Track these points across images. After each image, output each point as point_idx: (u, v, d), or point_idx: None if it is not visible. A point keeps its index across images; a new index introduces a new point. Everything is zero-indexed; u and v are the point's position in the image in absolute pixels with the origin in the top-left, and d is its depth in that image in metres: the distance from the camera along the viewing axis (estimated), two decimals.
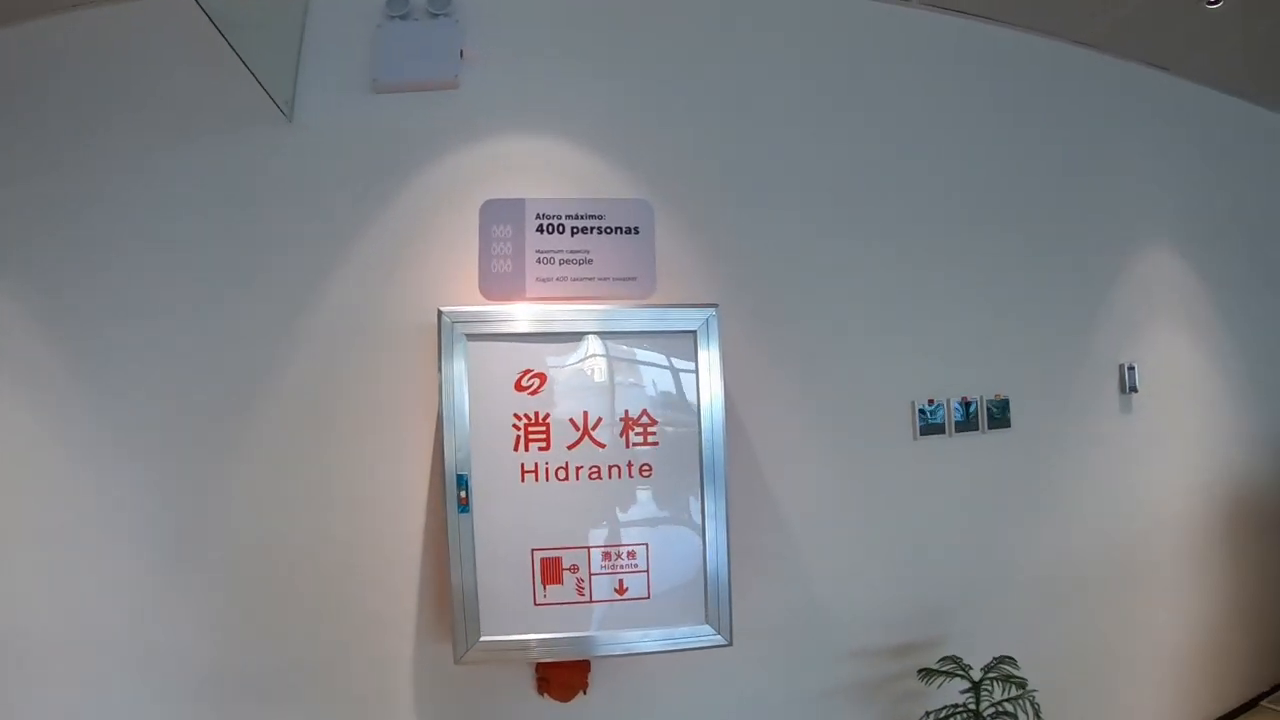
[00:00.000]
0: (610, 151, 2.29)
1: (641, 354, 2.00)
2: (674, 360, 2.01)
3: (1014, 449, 2.53)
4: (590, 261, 2.21)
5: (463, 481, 1.92)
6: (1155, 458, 2.81)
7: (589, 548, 1.96)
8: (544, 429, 1.94)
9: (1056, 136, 2.75)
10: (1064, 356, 2.67)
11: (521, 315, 1.98)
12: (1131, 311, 2.81)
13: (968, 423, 2.47)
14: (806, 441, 2.33)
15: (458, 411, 1.92)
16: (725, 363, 2.03)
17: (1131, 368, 2.74)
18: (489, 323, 1.96)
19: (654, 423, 1.99)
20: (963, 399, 2.47)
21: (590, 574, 1.95)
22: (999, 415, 2.52)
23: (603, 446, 1.96)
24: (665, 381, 2.01)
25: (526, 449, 1.94)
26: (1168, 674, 2.79)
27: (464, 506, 1.93)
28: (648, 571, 1.98)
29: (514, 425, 1.94)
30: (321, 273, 2.16)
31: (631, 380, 2.00)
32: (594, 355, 1.99)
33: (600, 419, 1.96)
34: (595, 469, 1.96)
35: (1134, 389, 2.74)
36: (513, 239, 2.19)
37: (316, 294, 2.15)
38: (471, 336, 1.94)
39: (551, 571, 1.95)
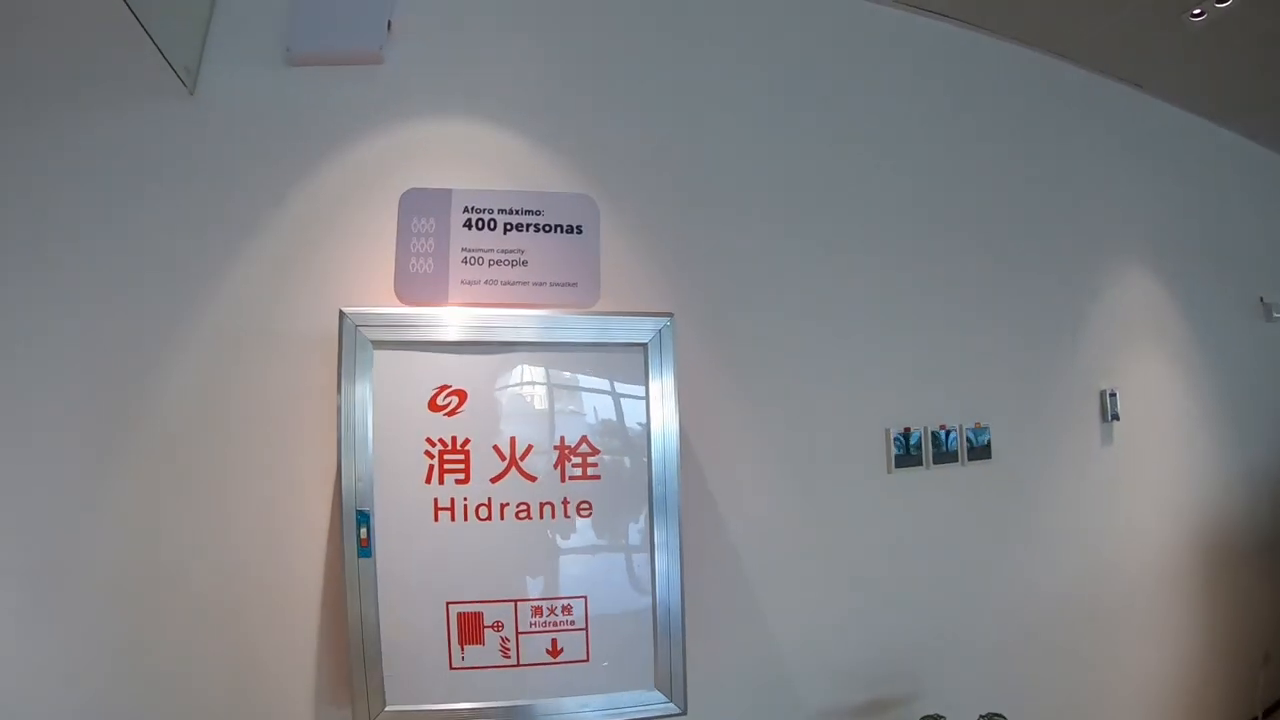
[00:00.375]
0: (550, 141, 2.01)
1: (583, 370, 1.71)
2: (620, 379, 1.72)
3: (996, 482, 2.31)
4: (525, 263, 1.90)
5: (364, 519, 1.59)
6: (1138, 490, 2.64)
7: (516, 601, 1.64)
8: (462, 457, 1.62)
9: (1028, 150, 2.58)
10: (1045, 381, 2.47)
11: (441, 320, 1.66)
12: (1110, 334, 2.64)
13: (946, 453, 2.23)
14: (768, 474, 2.06)
15: (359, 434, 1.60)
16: (679, 382, 1.74)
17: (1113, 394, 2.55)
18: (401, 328, 1.64)
19: (595, 451, 1.69)
20: (940, 425, 2.23)
21: (518, 632, 1.63)
22: (979, 445, 2.29)
23: (533, 480, 1.65)
24: (609, 404, 1.71)
25: (441, 481, 1.61)
26: (1154, 709, 2.59)
27: (365, 549, 1.59)
28: (586, 629, 1.67)
29: (427, 452, 1.61)
30: (216, 265, 1.81)
31: (569, 401, 1.70)
32: (525, 370, 1.68)
33: (531, 446, 1.66)
34: (524, 506, 1.64)
35: (1115, 417, 2.55)
36: (436, 234, 1.89)
37: (209, 290, 1.80)
38: (379, 344, 1.62)
39: (471, 629, 1.62)
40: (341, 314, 1.62)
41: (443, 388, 1.63)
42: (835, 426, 2.13)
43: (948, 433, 2.23)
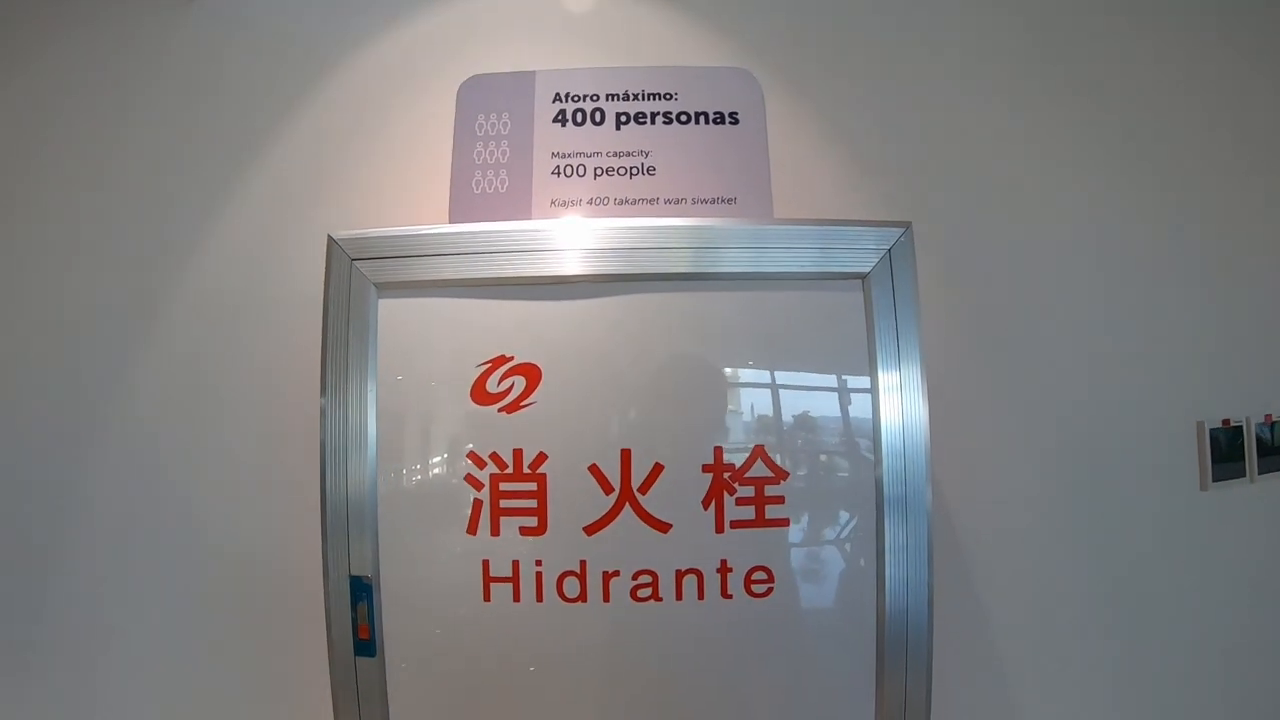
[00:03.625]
0: None
1: (756, 323, 0.93)
2: (819, 336, 0.93)
3: None
4: (651, 171, 1.17)
5: (362, 592, 0.89)
6: None
7: None
8: (533, 486, 0.89)
9: None
10: None
11: (494, 240, 0.94)
12: None
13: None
14: (1024, 489, 1.21)
15: (355, 447, 0.90)
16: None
17: None
18: (423, 257, 0.93)
19: (779, 475, 0.90)
20: (1265, 418, 1.30)
21: None
22: None
23: (664, 529, 0.89)
24: (800, 381, 0.92)
25: (496, 530, 0.89)
26: None
27: (365, 644, 0.89)
28: None
29: (471, 478, 0.89)
30: (216, 196, 1.24)
31: (732, 378, 0.92)
32: (648, 326, 0.92)
33: (659, 467, 0.89)
34: (648, 577, 0.88)
35: None
36: (511, 136, 1.19)
37: (210, 226, 1.23)
38: (389, 288, 0.92)
39: None
40: (331, 241, 0.94)
41: (498, 361, 0.90)
42: (1115, 415, 1.24)
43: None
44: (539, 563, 0.88)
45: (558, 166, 1.16)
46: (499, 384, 0.90)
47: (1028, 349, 1.24)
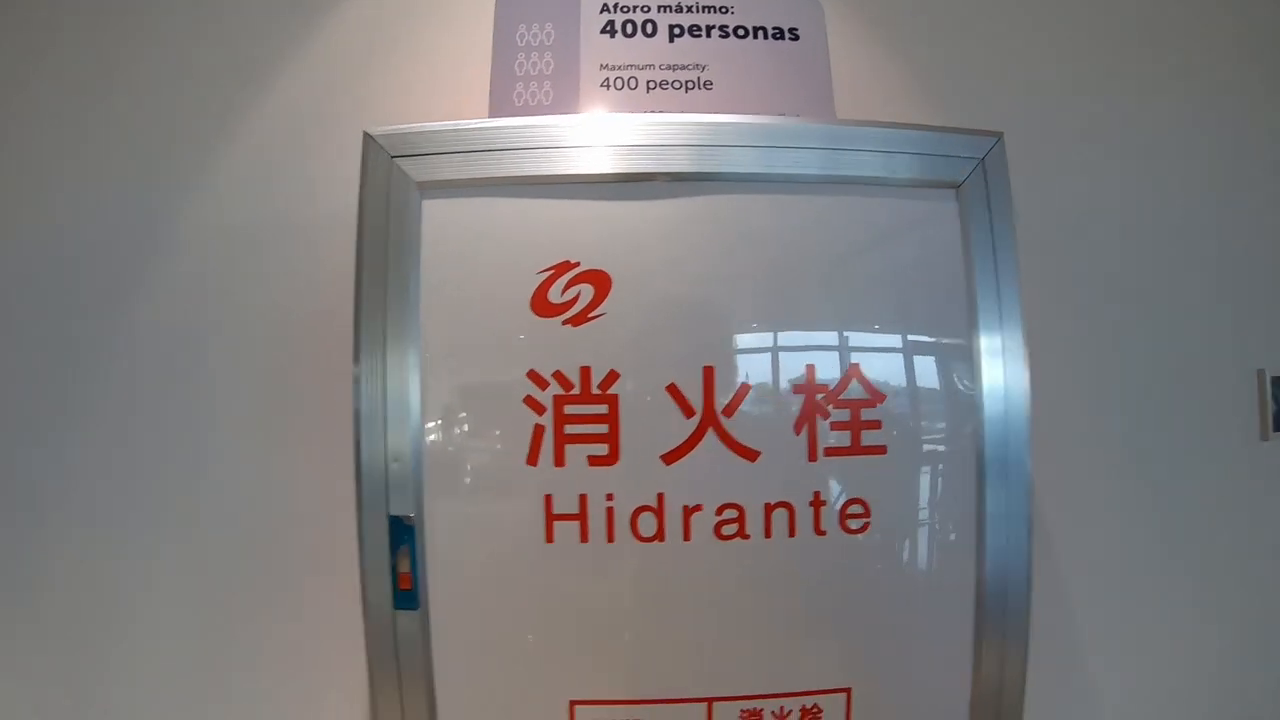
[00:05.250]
0: None
1: (845, 231, 0.83)
2: (910, 250, 0.84)
3: None
4: (708, 86, 1.07)
5: (404, 534, 0.77)
6: None
7: (710, 700, 0.78)
8: (603, 409, 0.78)
9: None
10: None
11: (556, 134, 0.82)
12: None
13: None
14: (1083, 432, 1.15)
15: (396, 369, 0.77)
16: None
17: None
18: (475, 152, 0.81)
19: (876, 397, 0.80)
20: None
21: None
22: None
23: (752, 457, 0.78)
24: (890, 294, 0.83)
25: (560, 460, 0.77)
26: None
27: (406, 594, 0.77)
28: None
29: (530, 400, 0.77)
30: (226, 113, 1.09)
31: (821, 289, 0.83)
32: (731, 230, 0.82)
33: (745, 388, 0.79)
34: (732, 511, 0.78)
35: None
36: (555, 48, 1.08)
37: (220, 150, 1.08)
38: (433, 186, 0.80)
39: None
40: (367, 138, 0.81)
41: (561, 267, 0.79)
42: (1178, 361, 1.18)
43: None
44: (610, 497, 0.78)
45: (606, 79, 1.06)
46: (562, 293, 0.78)
47: (1089, 292, 1.17)
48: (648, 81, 1.06)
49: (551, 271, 0.79)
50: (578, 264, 0.79)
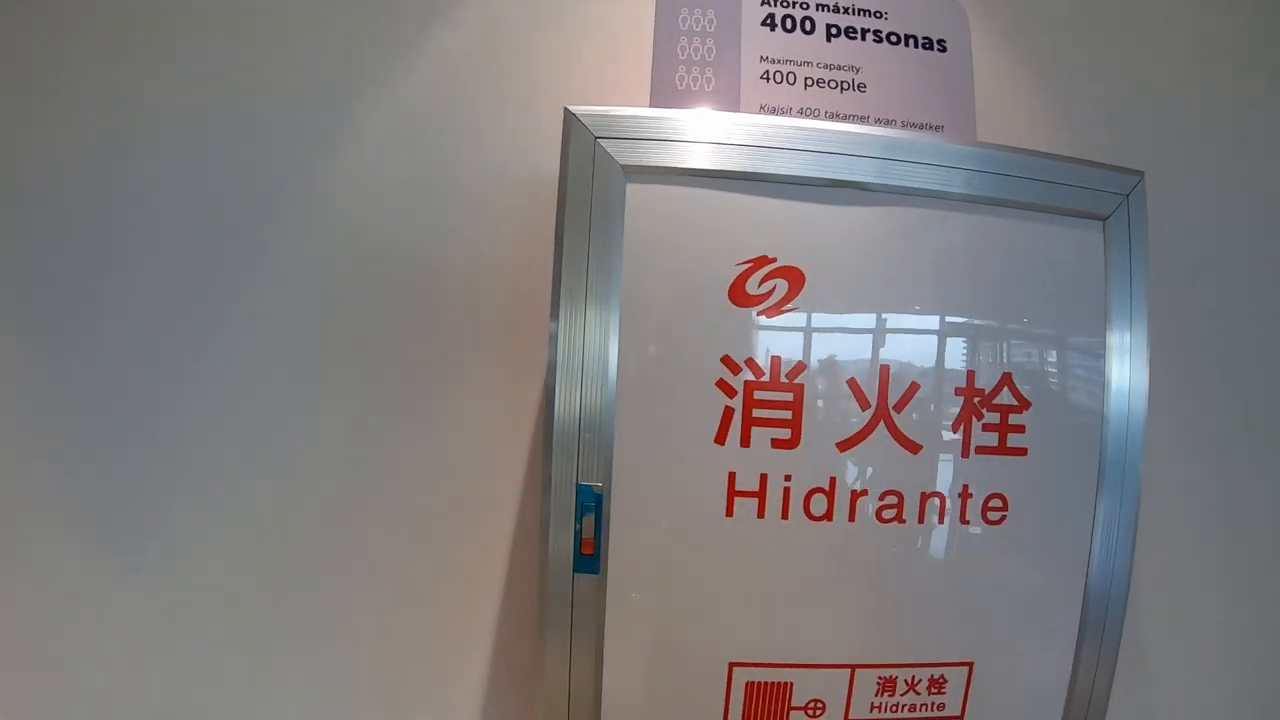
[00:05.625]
0: None
1: (1005, 249, 0.91)
2: (1057, 269, 0.92)
3: None
4: (861, 88, 1.11)
5: (591, 503, 0.81)
6: None
7: (854, 666, 0.87)
8: (790, 397, 0.83)
9: None
10: None
11: (750, 132, 0.86)
12: None
13: None
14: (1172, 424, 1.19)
15: (593, 341, 0.81)
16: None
17: None
18: (673, 142, 0.84)
19: (1022, 404, 0.89)
20: None
21: None
22: None
23: (915, 450, 0.86)
24: (1047, 314, 0.92)
25: (746, 441, 0.83)
26: None
27: (588, 559, 0.82)
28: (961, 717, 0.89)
29: (722, 383, 0.82)
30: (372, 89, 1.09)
31: (985, 304, 0.90)
32: (912, 241, 0.88)
33: (915, 387, 0.86)
34: (893, 498, 0.86)
35: None
36: (716, 35, 1.10)
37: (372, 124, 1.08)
38: (638, 171, 0.83)
39: (770, 713, 0.85)
40: (569, 115, 0.83)
41: (760, 261, 0.84)
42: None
43: None
44: (788, 477, 0.84)
45: (767, 71, 1.09)
46: (759, 286, 0.83)
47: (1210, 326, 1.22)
48: (805, 78, 1.10)
49: (750, 264, 0.84)
50: (774, 259, 0.84)
